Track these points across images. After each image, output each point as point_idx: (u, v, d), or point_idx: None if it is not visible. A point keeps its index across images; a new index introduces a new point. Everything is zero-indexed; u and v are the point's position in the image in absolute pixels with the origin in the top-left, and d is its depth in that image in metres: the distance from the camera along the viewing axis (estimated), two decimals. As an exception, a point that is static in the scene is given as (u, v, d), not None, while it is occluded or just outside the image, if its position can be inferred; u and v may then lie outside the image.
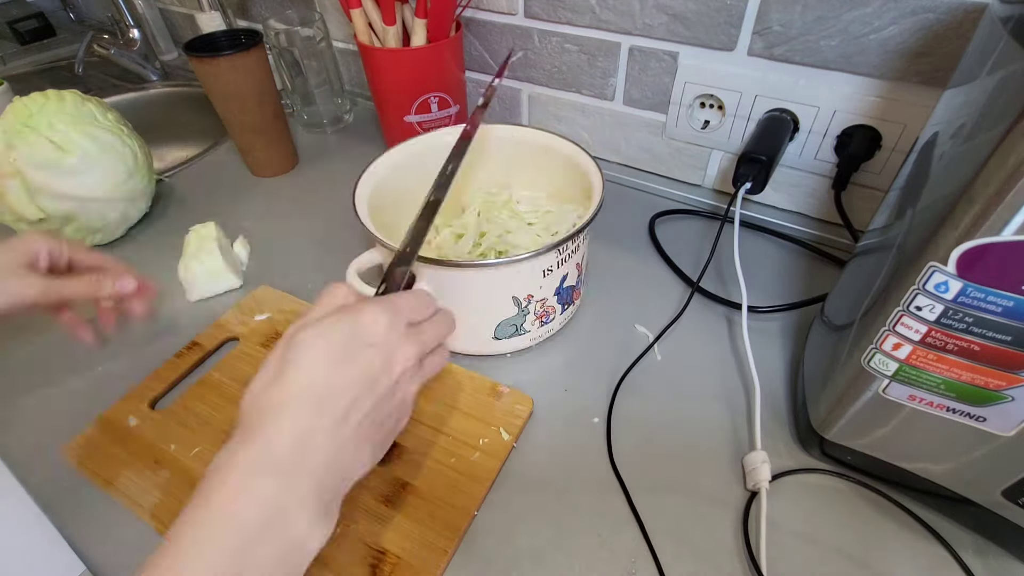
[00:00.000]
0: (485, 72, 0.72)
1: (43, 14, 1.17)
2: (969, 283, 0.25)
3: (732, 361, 0.46)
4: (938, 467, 0.33)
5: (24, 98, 0.55)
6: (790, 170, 0.56)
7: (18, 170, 0.53)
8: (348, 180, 0.46)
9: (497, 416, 0.42)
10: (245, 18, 0.93)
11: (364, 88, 0.87)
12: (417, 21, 0.61)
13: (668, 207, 0.62)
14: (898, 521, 0.36)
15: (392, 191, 0.48)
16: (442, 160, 0.40)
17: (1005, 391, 0.27)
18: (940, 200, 0.26)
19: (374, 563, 0.34)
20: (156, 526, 0.37)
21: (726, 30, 0.52)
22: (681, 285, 0.53)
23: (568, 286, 0.45)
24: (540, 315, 0.45)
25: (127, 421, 0.43)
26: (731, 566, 0.34)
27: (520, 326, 0.45)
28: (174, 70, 1.02)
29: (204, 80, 0.63)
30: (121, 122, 0.61)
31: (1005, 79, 0.23)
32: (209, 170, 0.74)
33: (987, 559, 0.34)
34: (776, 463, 0.38)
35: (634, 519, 0.37)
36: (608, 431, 0.42)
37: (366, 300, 0.29)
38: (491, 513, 0.37)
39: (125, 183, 0.58)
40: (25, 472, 0.41)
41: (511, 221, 0.53)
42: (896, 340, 0.29)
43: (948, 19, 0.42)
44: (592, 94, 0.65)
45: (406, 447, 0.40)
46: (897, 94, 0.47)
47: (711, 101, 0.57)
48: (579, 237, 0.42)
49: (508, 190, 0.56)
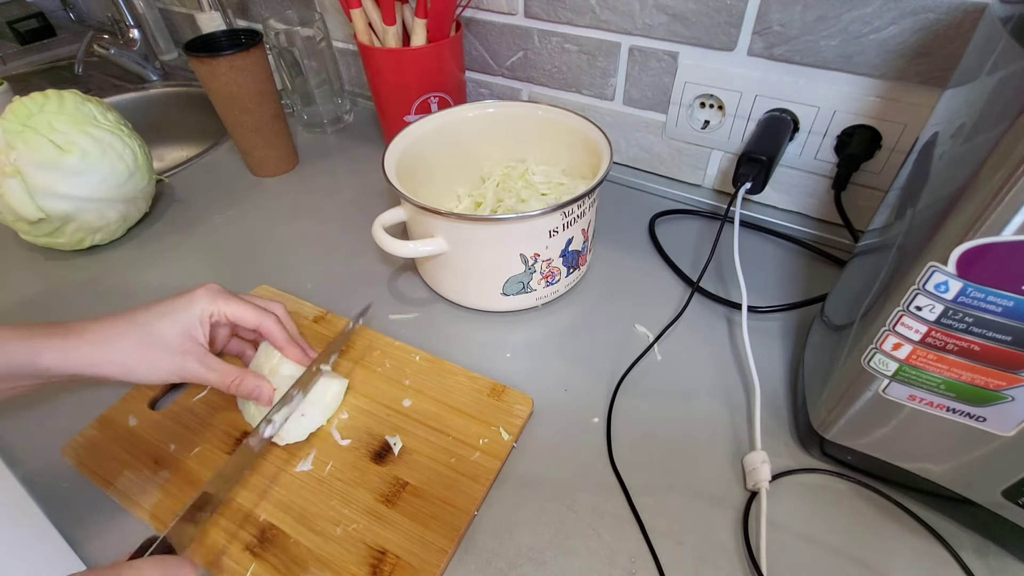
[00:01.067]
0: (485, 72, 0.72)
1: (43, 14, 1.17)
2: (969, 283, 0.25)
3: (732, 361, 0.46)
4: (938, 467, 0.33)
5: (24, 98, 0.55)
6: (790, 170, 0.56)
7: (18, 170, 0.53)
8: (348, 180, 0.46)
9: (497, 416, 0.42)
10: (245, 18, 0.93)
11: (364, 88, 0.87)
12: (417, 21, 0.61)
13: (668, 207, 0.62)
14: (898, 521, 0.36)
15: (416, 158, 0.52)
16: (462, 135, 0.46)
17: (1005, 391, 0.27)
18: (940, 200, 0.26)
19: (374, 563, 0.34)
20: (155, 526, 0.37)
21: (726, 30, 0.52)
22: (681, 285, 0.53)
23: (574, 250, 0.47)
24: (546, 275, 0.48)
25: (127, 421, 0.43)
26: (731, 566, 0.34)
27: (527, 284, 0.48)
28: (174, 70, 1.02)
29: (204, 80, 0.63)
30: (121, 122, 0.61)
31: (1005, 79, 0.23)
32: (209, 170, 0.75)
33: (987, 559, 0.34)
34: (776, 463, 0.38)
35: (634, 519, 0.37)
36: (608, 431, 0.42)
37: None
38: (491, 513, 0.37)
39: (125, 183, 0.58)
40: (25, 472, 0.41)
41: (525, 191, 0.57)
42: (896, 340, 0.29)
43: (948, 19, 0.42)
44: (592, 94, 0.65)
45: (406, 447, 0.40)
46: (897, 94, 0.47)
47: (711, 101, 0.57)
48: (585, 202, 0.45)
49: (524, 163, 0.59)
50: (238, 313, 0.41)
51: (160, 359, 0.37)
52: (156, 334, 0.37)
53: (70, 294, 0.57)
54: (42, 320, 0.39)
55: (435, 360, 0.46)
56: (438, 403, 0.43)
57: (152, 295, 0.44)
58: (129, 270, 0.59)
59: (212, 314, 0.40)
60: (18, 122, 0.53)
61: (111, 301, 0.55)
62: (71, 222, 0.56)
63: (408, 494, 0.38)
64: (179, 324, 0.38)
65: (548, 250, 0.46)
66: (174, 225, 0.65)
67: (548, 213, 0.42)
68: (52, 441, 0.42)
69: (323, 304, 0.52)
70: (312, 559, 0.35)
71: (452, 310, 0.52)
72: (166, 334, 0.37)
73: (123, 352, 0.36)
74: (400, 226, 0.51)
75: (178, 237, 0.63)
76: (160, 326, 0.37)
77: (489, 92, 0.73)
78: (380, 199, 0.66)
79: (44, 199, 0.54)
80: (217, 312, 0.40)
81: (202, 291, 0.40)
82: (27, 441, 0.43)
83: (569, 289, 0.52)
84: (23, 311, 0.55)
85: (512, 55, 0.67)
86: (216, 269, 0.59)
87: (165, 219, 0.66)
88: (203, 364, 0.38)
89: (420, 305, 0.53)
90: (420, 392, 0.44)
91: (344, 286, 0.55)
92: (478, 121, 0.57)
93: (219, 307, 0.40)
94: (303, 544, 0.35)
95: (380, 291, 0.55)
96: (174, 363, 0.37)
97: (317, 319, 0.50)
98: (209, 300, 0.40)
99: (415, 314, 0.52)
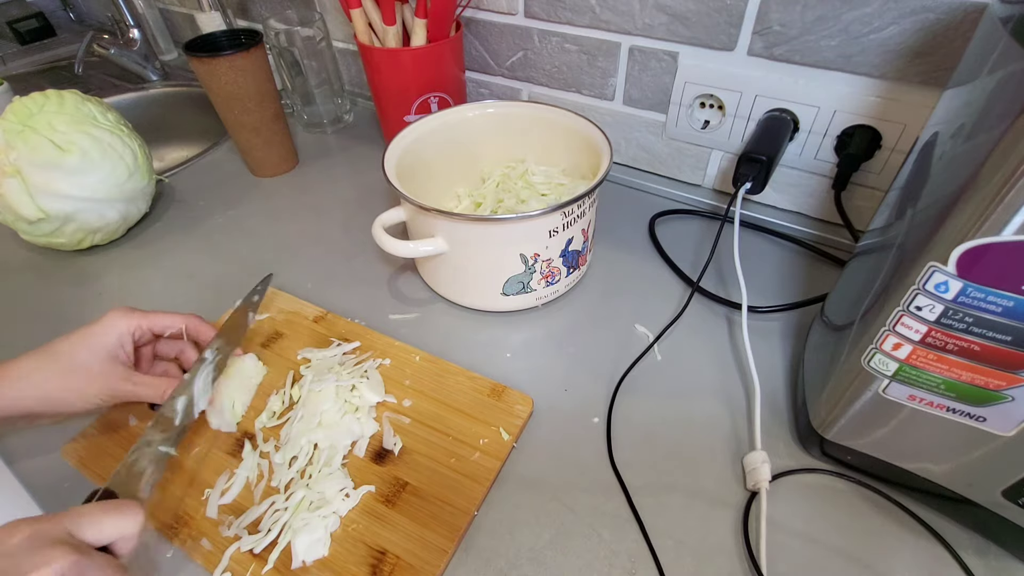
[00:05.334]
0: (485, 72, 0.72)
1: (43, 14, 1.17)
2: (969, 283, 0.25)
3: (732, 361, 0.46)
4: (938, 467, 0.33)
5: (24, 98, 0.55)
6: (790, 170, 0.56)
7: (18, 170, 0.53)
8: (348, 180, 0.46)
9: (497, 416, 0.42)
10: (245, 18, 0.93)
11: (364, 88, 0.87)
12: (417, 21, 0.61)
13: (668, 207, 0.62)
14: (898, 521, 0.36)
15: (416, 158, 0.52)
16: (462, 135, 0.45)
17: (1005, 391, 0.27)
18: (940, 200, 0.26)
19: (374, 563, 0.34)
20: (155, 525, 0.37)
21: (726, 30, 0.52)
22: (681, 285, 0.53)
23: (574, 250, 0.47)
24: (546, 275, 0.48)
25: (127, 421, 0.43)
26: (731, 566, 0.34)
27: (527, 284, 0.48)
28: (174, 70, 1.02)
29: (204, 80, 0.63)
30: (121, 122, 0.61)
31: (1005, 79, 0.23)
32: (209, 170, 0.75)
33: (987, 559, 0.34)
34: (776, 463, 0.38)
35: (634, 519, 0.37)
36: (608, 431, 0.42)
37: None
38: (491, 513, 0.37)
39: (125, 183, 0.58)
40: (25, 472, 0.41)
41: (525, 191, 0.56)
42: (896, 340, 0.29)
43: (948, 19, 0.42)
44: (592, 94, 0.65)
45: (406, 447, 0.40)
46: (897, 94, 0.47)
47: (711, 101, 0.57)
48: (585, 202, 0.45)
49: (524, 164, 0.59)
50: (162, 321, 0.41)
51: (83, 385, 0.37)
52: (76, 361, 0.37)
53: (70, 294, 0.57)
54: (42, 320, 0.39)
55: (435, 360, 0.46)
56: (438, 403, 0.43)
57: (152, 295, 0.44)
58: (129, 270, 0.59)
59: (135, 331, 0.40)
60: (18, 122, 0.53)
61: (111, 301, 0.55)
62: (71, 222, 0.56)
63: (408, 494, 0.38)
64: (100, 348, 0.38)
65: (548, 250, 0.46)
66: (174, 225, 0.65)
67: (548, 213, 0.42)
68: (52, 441, 0.42)
69: (323, 304, 0.52)
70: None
71: (452, 310, 0.52)
72: (87, 360, 0.38)
73: (44, 383, 0.36)
74: (400, 226, 0.51)
75: (178, 237, 0.63)
76: (80, 353, 0.38)
77: (489, 92, 0.73)
78: (380, 199, 0.66)
79: (44, 199, 0.54)
80: (139, 328, 0.40)
81: (116, 313, 0.40)
82: (27, 441, 0.43)
83: (569, 289, 0.52)
84: (23, 311, 0.55)
85: (512, 55, 0.67)
86: (216, 269, 0.58)
87: (165, 219, 0.66)
88: (130, 382, 0.39)
89: (420, 305, 0.53)
90: (420, 392, 0.44)
91: (344, 286, 0.55)
92: (478, 121, 0.57)
93: (139, 322, 0.40)
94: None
95: (380, 291, 0.55)
96: (99, 386, 0.38)
97: (317, 319, 0.50)
98: (126, 320, 0.40)
99: (415, 314, 0.52)
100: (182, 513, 0.37)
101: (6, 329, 0.53)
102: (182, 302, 0.54)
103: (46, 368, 0.37)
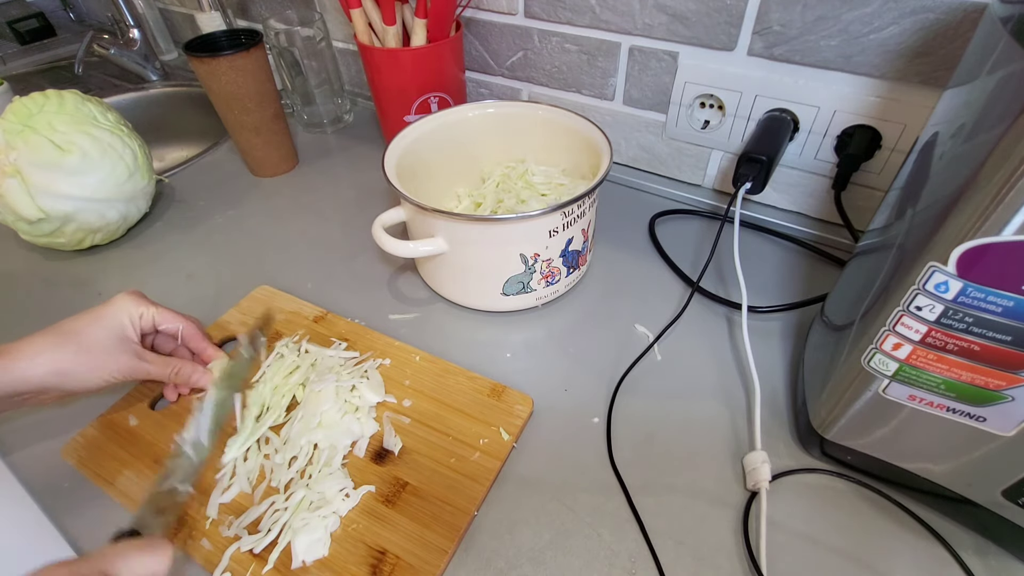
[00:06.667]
0: (485, 72, 0.72)
1: (43, 14, 1.17)
2: (969, 283, 0.25)
3: (732, 361, 0.46)
4: (938, 467, 0.33)
5: (24, 98, 0.55)
6: (790, 170, 0.56)
7: (18, 170, 0.53)
8: (348, 180, 0.46)
9: (497, 416, 0.42)
10: (245, 18, 0.93)
11: (364, 88, 0.87)
12: (417, 21, 0.61)
13: (668, 207, 0.62)
14: (898, 521, 0.36)
15: (416, 158, 0.52)
16: (462, 135, 0.46)
17: (1005, 391, 0.27)
18: (940, 200, 0.26)
19: (374, 563, 0.34)
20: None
21: (726, 30, 0.52)
22: (681, 285, 0.53)
23: (574, 250, 0.47)
24: (546, 275, 0.48)
25: (127, 421, 0.43)
26: (731, 566, 0.34)
27: (527, 284, 0.48)
28: (174, 70, 1.02)
29: (204, 80, 0.63)
30: (121, 122, 0.61)
31: (1005, 79, 0.23)
32: (209, 170, 0.75)
33: (987, 559, 0.34)
34: (776, 463, 0.39)
35: (634, 519, 0.37)
36: (608, 431, 0.42)
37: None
38: (491, 513, 0.37)
39: (125, 183, 0.58)
40: (25, 472, 0.41)
41: (525, 191, 0.56)
42: (896, 340, 0.29)
43: (948, 19, 0.42)
44: (592, 94, 0.65)
45: (406, 447, 0.40)
46: (897, 94, 0.47)
47: (711, 101, 0.57)
48: (585, 202, 0.45)
49: (524, 164, 0.59)
50: (163, 315, 0.43)
51: (98, 361, 0.38)
52: (90, 339, 0.39)
53: (70, 294, 0.57)
54: (42, 320, 0.39)
55: (435, 360, 0.46)
56: (438, 403, 0.43)
57: (152, 295, 0.44)
58: (129, 270, 0.59)
59: (142, 314, 0.42)
60: (18, 122, 0.53)
61: (111, 301, 0.55)
62: (71, 222, 0.56)
63: (408, 494, 0.38)
64: (111, 327, 0.40)
65: (548, 250, 0.46)
66: (174, 225, 0.65)
67: (548, 213, 0.42)
68: (52, 441, 0.42)
69: (323, 304, 0.52)
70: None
71: (452, 310, 0.52)
72: (101, 338, 0.39)
73: (60, 360, 0.37)
74: (400, 226, 0.51)
75: (178, 237, 0.63)
76: (93, 331, 0.39)
77: (489, 92, 0.73)
78: (380, 199, 0.66)
79: (44, 199, 0.54)
80: (146, 313, 0.42)
81: (126, 295, 0.42)
82: (27, 441, 0.43)
83: (569, 289, 0.52)
84: (23, 311, 0.55)
85: (512, 55, 0.67)
86: (216, 269, 0.58)
87: (165, 219, 0.66)
88: (141, 358, 0.41)
89: (420, 305, 0.53)
90: (420, 392, 0.44)
91: (344, 286, 0.55)
92: (478, 121, 0.57)
93: (146, 309, 0.42)
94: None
95: (380, 291, 0.55)
96: (112, 362, 0.39)
97: (317, 319, 0.50)
98: (135, 304, 0.42)
99: (415, 314, 0.52)
100: (182, 513, 0.37)
101: (6, 329, 0.53)
102: (182, 302, 0.54)
103: (63, 346, 0.38)
